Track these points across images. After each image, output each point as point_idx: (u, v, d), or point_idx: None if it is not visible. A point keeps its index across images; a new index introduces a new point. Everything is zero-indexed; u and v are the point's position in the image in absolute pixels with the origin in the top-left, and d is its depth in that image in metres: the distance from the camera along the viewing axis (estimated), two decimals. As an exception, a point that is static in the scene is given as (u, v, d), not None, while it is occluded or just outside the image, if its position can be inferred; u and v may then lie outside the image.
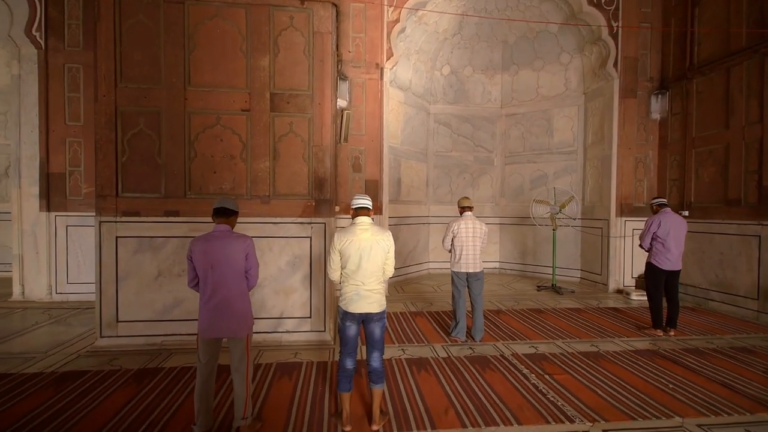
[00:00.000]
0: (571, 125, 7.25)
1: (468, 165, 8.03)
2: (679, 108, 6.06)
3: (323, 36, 3.91)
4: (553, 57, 7.28)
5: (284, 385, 2.99)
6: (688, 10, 5.87)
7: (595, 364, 3.48)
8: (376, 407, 2.45)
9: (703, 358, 3.66)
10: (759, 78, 4.87)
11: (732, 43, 5.22)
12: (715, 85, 5.49)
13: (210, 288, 2.27)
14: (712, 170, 5.53)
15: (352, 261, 2.40)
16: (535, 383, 3.08)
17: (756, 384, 3.11)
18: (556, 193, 6.57)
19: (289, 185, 3.90)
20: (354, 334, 2.49)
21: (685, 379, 3.20)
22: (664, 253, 4.26)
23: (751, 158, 4.99)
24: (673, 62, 6.17)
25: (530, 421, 2.53)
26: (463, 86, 7.90)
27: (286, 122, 3.89)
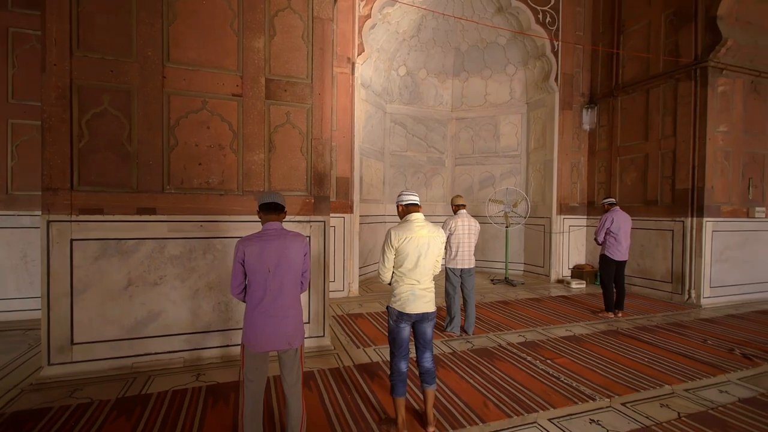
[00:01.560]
0: (515, 131, 7.92)
1: (422, 165, 8.27)
2: (606, 121, 7.05)
3: (323, 23, 3.67)
4: (500, 67, 7.88)
5: (309, 398, 2.74)
6: (615, 36, 6.86)
7: (580, 347, 3.87)
8: (430, 408, 2.39)
9: (653, 333, 4.32)
10: (673, 99, 5.91)
11: (651, 68, 6.25)
12: (636, 103, 6.51)
13: (270, 294, 1.98)
14: (634, 175, 6.55)
15: (410, 259, 2.31)
16: (544, 369, 3.31)
17: (703, 351, 3.77)
18: (508, 193, 7.13)
19: (286, 180, 3.58)
20: (408, 336, 2.39)
21: (650, 352, 3.73)
22: (615, 246, 4.92)
23: (666, 166, 6.03)
24: (601, 81, 7.15)
25: (561, 404, 2.71)
26: (417, 88, 8.11)
27: (283, 112, 3.56)
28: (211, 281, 3.35)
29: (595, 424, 2.48)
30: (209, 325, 3.36)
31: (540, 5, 6.89)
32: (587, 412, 2.62)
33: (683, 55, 5.77)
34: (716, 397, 2.86)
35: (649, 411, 2.65)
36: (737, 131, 5.79)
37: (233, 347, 3.42)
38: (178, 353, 3.26)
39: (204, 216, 3.31)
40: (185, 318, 3.29)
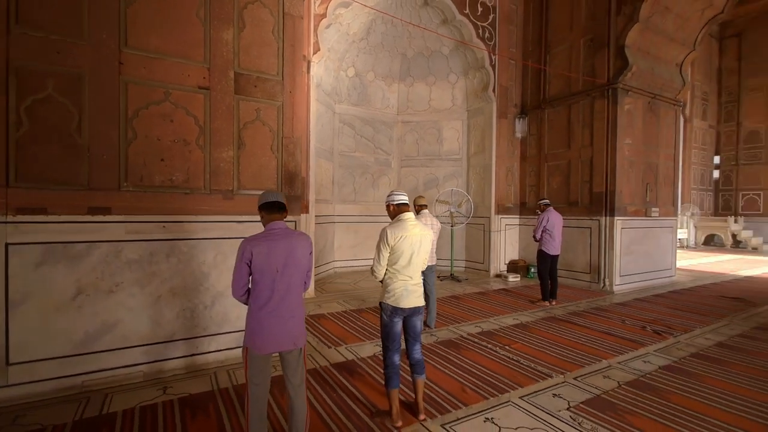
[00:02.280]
0: (457, 136, 8.46)
1: (369, 166, 8.41)
2: (536, 130, 7.87)
3: (294, 19, 3.62)
4: (443, 75, 8.34)
5: (295, 400, 2.71)
6: (542, 55, 7.70)
7: (529, 332, 4.32)
8: (420, 397, 2.53)
9: (582, 317, 4.98)
10: (590, 114, 6.82)
11: (572, 85, 7.13)
12: (560, 116, 7.38)
13: (278, 294, 1.94)
14: (559, 179, 7.42)
15: (404, 257, 2.43)
16: (505, 354, 3.66)
17: (623, 330, 4.45)
18: (453, 194, 7.60)
19: (256, 179, 3.46)
20: (400, 330, 2.52)
21: (584, 333, 4.32)
22: (550, 242, 5.56)
23: (585, 171, 6.94)
24: (531, 94, 7.97)
25: (526, 383, 3.05)
26: (365, 90, 8.23)
27: (253, 108, 3.44)
28: (175, 286, 3.12)
29: (557, 397, 2.83)
30: (172, 334, 3.12)
31: (480, 21, 7.46)
32: (549, 388, 2.98)
33: (598, 76, 6.71)
34: (642, 366, 3.43)
35: (595, 382, 3.09)
36: (638, 143, 6.88)
37: (200, 356, 3.22)
38: (137, 367, 2.98)
39: (167, 216, 3.07)
40: (145, 328, 3.02)
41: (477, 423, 2.49)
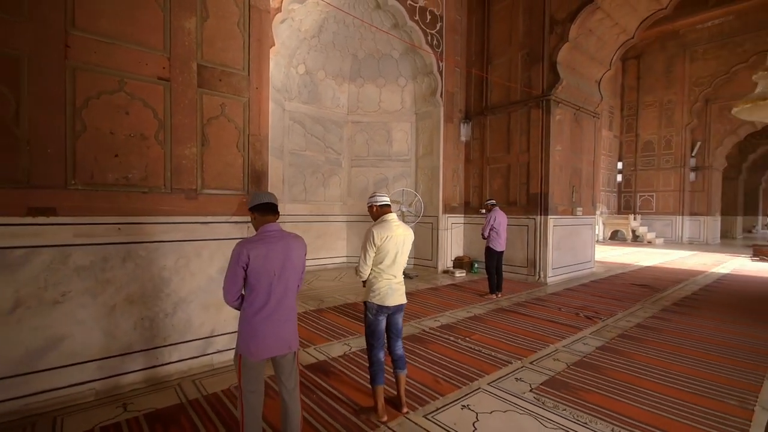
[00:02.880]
0: (406, 138, 8.71)
1: (320, 165, 8.32)
2: (479, 135, 8.41)
3: (261, 13, 3.49)
4: (393, 78, 8.53)
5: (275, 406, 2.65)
6: (484, 65, 8.24)
7: (483, 324, 4.65)
8: (403, 391, 2.63)
9: (526, 307, 5.47)
10: (527, 122, 7.47)
11: (511, 95, 7.75)
12: (501, 123, 7.97)
13: (274, 298, 1.90)
14: (500, 181, 8.02)
15: (389, 256, 2.50)
16: (466, 345, 3.91)
17: (560, 316, 4.99)
18: (404, 194, 7.82)
19: (221, 178, 3.29)
20: (384, 327, 2.59)
21: (530, 322, 4.76)
22: (497, 239, 6.01)
23: (522, 174, 7.59)
24: (474, 101, 8.48)
25: (491, 371, 3.30)
26: (316, 88, 8.12)
27: (217, 103, 3.26)
28: (132, 294, 2.86)
29: (520, 381, 3.12)
30: (129, 346, 2.86)
31: (429, 28, 7.76)
32: (511, 374, 3.26)
33: (534, 87, 7.37)
34: (583, 348, 3.89)
35: (548, 365, 3.45)
36: (566, 150, 7.69)
37: (161, 368, 2.99)
38: (87, 384, 2.69)
39: (123, 217, 2.80)
40: (98, 341, 2.73)
41: (455, 411, 2.66)
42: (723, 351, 3.84)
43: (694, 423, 2.52)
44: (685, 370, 3.38)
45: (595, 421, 2.53)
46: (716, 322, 4.83)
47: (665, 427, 2.46)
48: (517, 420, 2.55)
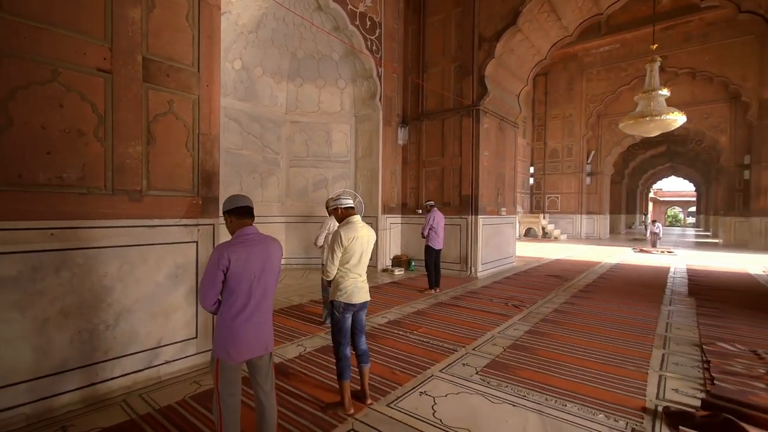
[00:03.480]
0: (345, 139, 8.81)
1: (257, 165, 8.05)
2: (415, 139, 8.84)
3: (212, 9, 3.37)
4: (332, 80, 8.58)
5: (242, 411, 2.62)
6: (420, 72, 8.69)
7: (427, 317, 4.98)
8: (366, 384, 2.78)
9: (462, 300, 5.96)
10: (459, 129, 8.07)
11: (445, 103, 8.29)
12: (436, 128, 8.49)
13: (254, 301, 1.92)
14: (435, 183, 8.53)
15: (355, 256, 2.63)
16: (415, 338, 4.18)
17: (493, 307, 5.53)
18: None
19: (169, 179, 3.11)
20: (350, 324, 2.71)
21: (467, 313, 5.21)
22: (436, 238, 6.42)
23: (455, 177, 8.17)
24: (411, 106, 8.90)
25: (440, 359, 3.60)
26: (253, 85, 7.84)
27: (165, 99, 3.08)
28: (68, 306, 2.60)
29: (467, 366, 3.45)
30: (65, 363, 2.60)
31: (369, 34, 7.97)
32: (458, 360, 3.59)
33: (465, 97, 7.99)
34: (514, 333, 4.40)
35: (488, 350, 3.86)
36: (493, 156, 8.46)
37: (102, 384, 2.76)
38: (16, 409, 2.39)
39: (57, 221, 2.54)
40: (27, 360, 2.44)
41: (414, 397, 2.88)
42: (619, 327, 4.63)
43: (604, 387, 3.06)
44: (593, 344, 4.02)
45: (532, 394, 2.93)
46: (612, 304, 5.76)
47: (583, 392, 2.95)
48: (469, 399, 2.85)
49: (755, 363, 3.50)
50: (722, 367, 3.39)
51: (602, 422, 2.55)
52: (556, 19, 7.91)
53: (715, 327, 4.67)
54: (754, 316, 5.17)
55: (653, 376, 3.30)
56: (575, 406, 2.75)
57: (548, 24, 7.99)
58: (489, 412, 2.66)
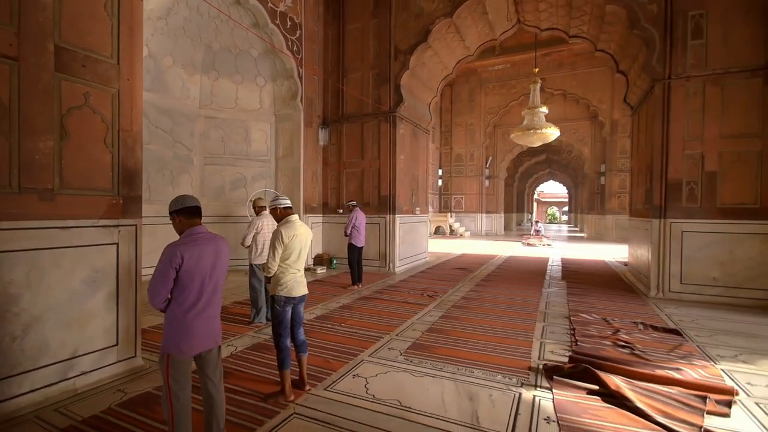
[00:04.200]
0: (265, 138, 8.67)
1: (167, 161, 7.48)
2: (336, 140, 9.09)
3: (133, 1, 3.21)
4: (251, 77, 8.37)
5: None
6: (341, 76, 8.97)
7: (353, 311, 5.31)
8: (305, 371, 3.01)
9: (383, 293, 6.42)
10: (378, 133, 8.56)
11: (365, 108, 8.71)
12: (356, 131, 8.85)
13: (205, 296, 2.02)
14: (356, 183, 8.90)
15: (295, 253, 2.84)
16: (344, 330, 4.48)
17: (410, 297, 6.09)
18: (267, 194, 7.81)
19: (85, 176, 2.92)
20: (290, 317, 2.89)
21: (389, 305, 5.68)
22: (358, 236, 6.78)
23: (374, 178, 8.64)
24: (332, 108, 9.13)
25: (369, 346, 3.96)
26: (161, 75, 7.28)
27: (80, 91, 2.88)
28: (-34, 318, 2.32)
29: (392, 349, 3.87)
30: (-38, 383, 2.32)
31: (290, 34, 7.99)
32: (384, 345, 3.99)
33: (383, 104, 8.51)
34: (431, 319, 4.97)
35: (409, 335, 4.34)
36: (408, 159, 9.14)
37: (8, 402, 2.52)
38: None
39: (-48, 224, 2.26)
40: None
41: (348, 380, 3.18)
42: (512, 307, 5.53)
43: (501, 355, 3.74)
44: (492, 323, 4.78)
45: (447, 366, 3.45)
46: (507, 289, 6.77)
47: (486, 360, 3.58)
48: (396, 376, 3.25)
49: (605, 327, 4.56)
50: (582, 332, 4.36)
51: (500, 381, 3.16)
52: (460, 40, 8.87)
53: (580, 302, 5.86)
54: (606, 293, 6.58)
55: (536, 343, 4.10)
56: (480, 372, 3.33)
57: (454, 43, 8.93)
58: (413, 385, 3.10)
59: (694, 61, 6.01)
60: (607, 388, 2.92)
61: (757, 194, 5.74)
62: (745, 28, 5.74)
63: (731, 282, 5.83)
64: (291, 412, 2.66)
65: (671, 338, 4.23)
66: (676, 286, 6.13)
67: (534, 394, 2.95)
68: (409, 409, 2.71)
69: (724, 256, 5.85)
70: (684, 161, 6.10)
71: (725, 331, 4.51)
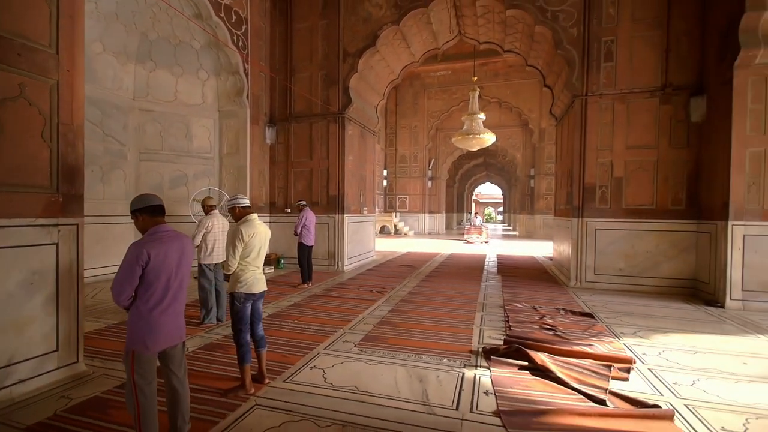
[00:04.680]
0: (208, 135, 8.35)
1: (97, 156, 6.93)
2: (284, 139, 9.02)
3: (74, -13, 3.05)
4: (192, 70, 8.02)
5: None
6: (288, 75, 8.91)
7: (305, 308, 5.40)
8: (264, 365, 3.09)
9: (333, 290, 6.57)
10: (327, 133, 8.65)
11: (313, 108, 8.75)
12: (304, 131, 8.86)
13: (171, 293, 2.07)
14: (304, 183, 8.91)
15: (254, 251, 2.92)
16: (297, 326, 4.58)
17: (360, 294, 6.31)
18: (211, 193, 7.55)
19: (20, 172, 2.74)
20: (249, 313, 2.96)
21: (340, 301, 5.85)
22: (308, 235, 6.85)
23: (323, 178, 8.72)
24: (279, 107, 9.04)
25: (323, 340, 4.12)
26: (90, 63, 6.69)
27: (15, 82, 2.70)
28: None
29: (346, 342, 4.06)
30: None
31: (235, 29, 7.79)
32: (338, 338, 4.17)
33: (332, 105, 8.62)
34: (381, 313, 5.23)
35: (361, 328, 4.55)
36: (356, 160, 9.34)
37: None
38: None
39: None
40: None
41: (306, 372, 3.32)
42: (455, 300, 5.98)
43: (446, 341, 4.10)
44: (438, 314, 5.17)
45: (398, 354, 3.73)
46: (449, 284, 7.27)
47: (433, 347, 3.91)
48: (352, 365, 3.46)
49: (533, 314, 5.16)
50: (515, 318, 4.89)
51: (446, 364, 3.50)
52: (406, 47, 9.27)
53: (512, 294, 6.50)
54: (534, 285, 7.34)
55: (476, 330, 4.54)
56: (428, 357, 3.65)
57: (400, 49, 9.31)
58: (368, 372, 3.32)
59: (606, 80, 6.94)
60: (535, 364, 3.38)
61: (653, 197, 6.79)
62: (645, 54, 6.76)
63: (633, 272, 6.83)
64: (253, 404, 2.75)
65: (586, 321, 4.91)
66: (591, 277, 7.03)
67: (475, 372, 3.33)
68: (365, 393, 2.93)
69: (628, 250, 6.84)
70: (597, 168, 7.02)
71: (627, 313, 5.32)
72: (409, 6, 8.01)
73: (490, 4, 7.74)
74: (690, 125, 6.59)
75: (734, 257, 5.65)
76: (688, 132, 6.62)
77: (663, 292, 6.58)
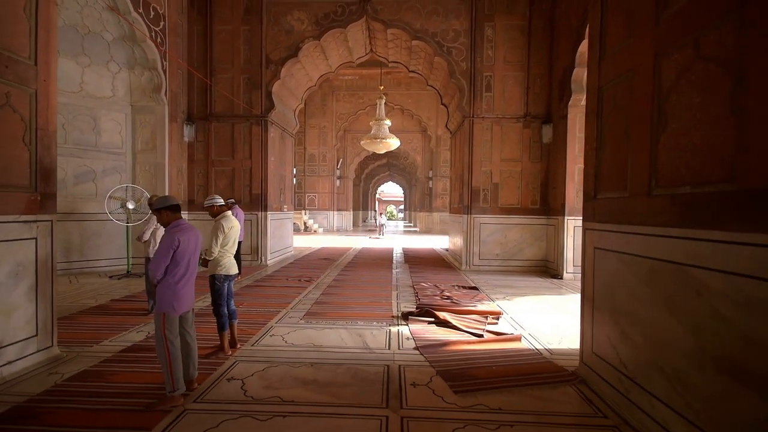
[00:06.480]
0: (119, 129, 8.05)
1: (-10, 148, 6.31)
2: (203, 138, 9.11)
3: (49, 4, 3.32)
4: (102, 61, 7.67)
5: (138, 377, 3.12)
6: (208, 74, 9.04)
7: (244, 296, 5.98)
8: (236, 334, 3.81)
9: (265, 281, 7.19)
10: (249, 134, 9.05)
11: (235, 109, 9.05)
12: (226, 131, 9.10)
13: (190, 271, 2.76)
14: (225, 181, 9.15)
15: (232, 241, 3.63)
16: (245, 309, 5.22)
17: (289, 283, 7.08)
18: (129, 190, 7.40)
19: (5, 173, 3.02)
20: (227, 290, 3.65)
21: (275, 290, 6.55)
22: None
23: (246, 177, 9.10)
24: (198, 106, 9.09)
25: (273, 317, 4.88)
26: (-18, 45, 6.11)
27: (2, 91, 2.96)
28: None
29: (292, 317, 4.89)
30: None
31: (153, 25, 7.73)
32: (285, 315, 4.97)
33: (255, 108, 9.06)
34: (314, 296, 6.12)
35: (302, 307, 5.40)
36: (277, 161, 9.89)
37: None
38: None
39: None
40: None
41: (268, 338, 4.12)
42: (374, 283, 7.17)
43: (374, 311, 5.23)
44: (362, 294, 6.28)
45: (338, 322, 4.72)
46: (366, 272, 8.45)
47: (364, 316, 4.99)
48: (303, 332, 4.35)
49: (436, 290, 6.62)
50: (422, 293, 6.28)
51: (376, 325, 4.62)
52: (324, 59, 10.15)
53: (419, 276, 7.96)
54: (435, 269, 8.96)
55: (394, 303, 5.78)
56: (362, 322, 4.73)
57: (319, 60, 10.15)
58: (318, 335, 4.26)
59: (486, 107, 8.87)
60: (438, 319, 4.72)
61: (519, 199, 8.94)
62: (514, 89, 8.85)
63: (506, 256, 8.90)
64: (234, 360, 3.48)
65: (472, 292, 6.54)
66: (476, 261, 8.92)
67: (398, 328, 4.52)
68: (321, 347, 3.88)
69: (502, 239, 8.89)
70: (481, 175, 8.93)
71: (501, 285, 7.16)
72: (329, 25, 8.92)
73: (398, 33, 9.10)
74: (542, 145, 8.87)
75: (568, 243, 7.95)
76: (541, 150, 8.90)
77: (525, 270, 8.76)
